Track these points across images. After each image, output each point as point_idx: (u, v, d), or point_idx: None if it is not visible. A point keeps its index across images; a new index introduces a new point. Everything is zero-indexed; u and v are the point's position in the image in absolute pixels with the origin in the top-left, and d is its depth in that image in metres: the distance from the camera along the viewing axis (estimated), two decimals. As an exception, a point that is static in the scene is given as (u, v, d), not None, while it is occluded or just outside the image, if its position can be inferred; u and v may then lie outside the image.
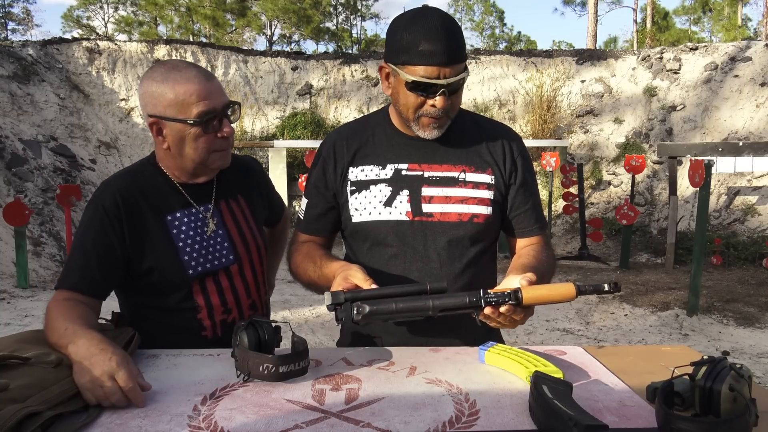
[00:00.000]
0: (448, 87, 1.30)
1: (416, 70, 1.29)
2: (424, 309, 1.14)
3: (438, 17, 1.29)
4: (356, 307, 1.13)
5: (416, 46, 1.27)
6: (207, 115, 1.35)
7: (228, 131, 1.40)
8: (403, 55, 1.30)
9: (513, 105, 11.29)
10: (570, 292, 1.14)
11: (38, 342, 1.20)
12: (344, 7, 33.20)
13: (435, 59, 1.27)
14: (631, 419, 0.98)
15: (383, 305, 1.13)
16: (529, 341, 4.54)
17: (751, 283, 6.52)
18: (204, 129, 1.36)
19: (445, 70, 1.28)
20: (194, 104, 1.34)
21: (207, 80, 1.37)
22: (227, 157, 1.46)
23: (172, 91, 1.34)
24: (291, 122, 11.05)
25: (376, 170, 1.43)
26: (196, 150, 1.38)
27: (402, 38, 1.29)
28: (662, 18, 33.94)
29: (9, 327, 4.82)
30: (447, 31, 1.28)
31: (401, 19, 1.33)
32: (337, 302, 1.15)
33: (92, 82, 10.47)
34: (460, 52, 1.30)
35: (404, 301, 1.14)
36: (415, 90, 1.31)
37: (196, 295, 1.43)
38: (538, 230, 1.49)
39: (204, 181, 1.48)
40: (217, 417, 0.99)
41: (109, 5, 33.23)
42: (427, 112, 1.34)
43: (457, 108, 1.39)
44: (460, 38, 1.31)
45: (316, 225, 1.51)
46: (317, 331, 4.76)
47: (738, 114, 9.60)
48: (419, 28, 1.27)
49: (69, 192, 6.73)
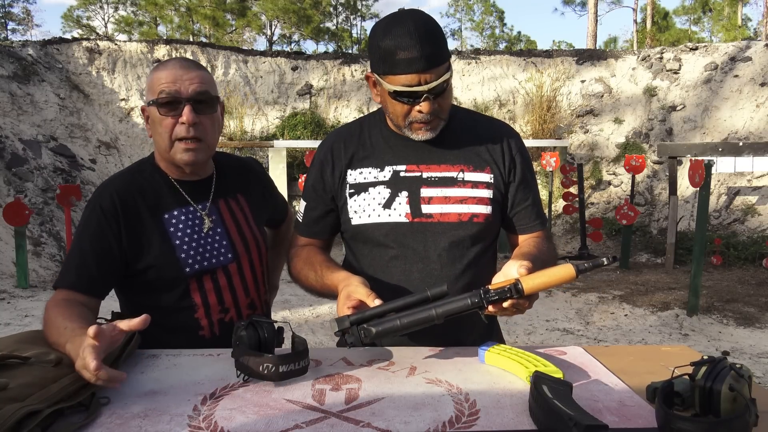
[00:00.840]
0: (432, 92, 1.28)
1: (396, 79, 1.27)
2: (429, 319, 1.15)
3: (412, 22, 1.26)
4: (362, 331, 1.16)
5: (393, 56, 1.25)
6: (167, 96, 1.36)
7: (187, 118, 1.36)
8: (383, 65, 1.28)
9: (513, 105, 11.29)
10: (569, 272, 1.12)
11: (38, 342, 1.20)
12: (344, 7, 33.20)
13: (413, 67, 1.25)
14: (631, 419, 0.98)
15: (388, 324, 1.16)
16: (529, 341, 4.54)
17: (751, 283, 6.52)
18: (165, 111, 1.37)
19: (426, 76, 1.26)
20: (159, 86, 1.37)
21: (182, 68, 1.39)
22: (196, 154, 1.40)
23: (153, 77, 1.40)
24: (291, 122, 11.05)
25: (374, 172, 1.42)
26: (161, 135, 1.40)
27: (379, 48, 1.28)
28: (662, 18, 33.95)
29: (9, 327, 4.82)
30: (423, 35, 1.25)
31: (378, 28, 1.31)
32: (343, 328, 1.18)
33: (92, 82, 10.47)
34: (439, 54, 1.27)
35: (408, 315, 1.16)
36: (400, 98, 1.30)
37: (193, 294, 1.43)
38: (540, 226, 1.49)
39: (200, 179, 1.49)
40: (217, 417, 0.99)
41: (109, 5, 33.25)
42: (416, 118, 1.33)
43: (446, 108, 1.37)
44: (439, 39, 1.28)
45: (315, 228, 1.51)
46: (317, 331, 4.76)
47: (738, 114, 9.60)
48: (394, 35, 1.25)
49: (69, 192, 6.73)
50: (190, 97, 1.37)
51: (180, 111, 1.37)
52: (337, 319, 1.20)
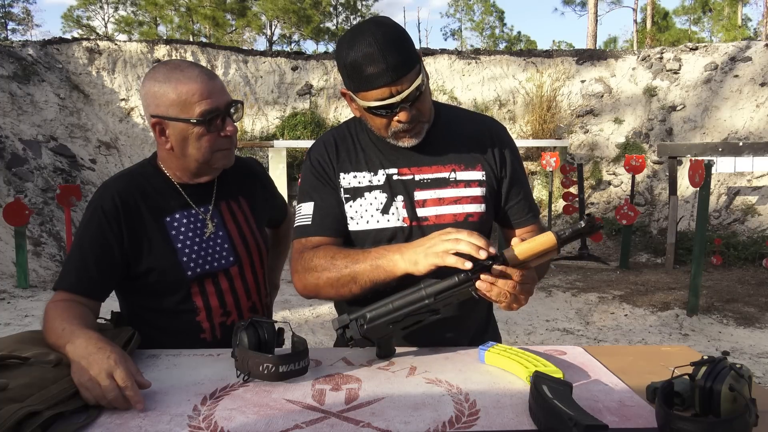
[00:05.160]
0: (406, 100, 1.25)
1: (368, 95, 1.24)
2: (420, 299, 1.18)
3: (371, 34, 1.21)
4: (359, 320, 1.20)
5: (361, 72, 1.22)
6: (209, 114, 1.34)
7: (231, 130, 1.39)
8: (353, 82, 1.26)
9: (513, 105, 11.29)
10: (550, 239, 1.12)
11: (37, 342, 1.20)
12: (344, 7, 33.20)
13: (382, 80, 1.21)
14: (631, 419, 0.98)
15: (382, 308, 1.19)
16: (529, 341, 4.54)
17: (751, 283, 6.52)
18: (207, 128, 1.36)
19: (396, 87, 1.22)
20: (197, 103, 1.33)
21: (209, 79, 1.36)
22: (231, 157, 1.45)
23: (175, 90, 1.33)
24: (291, 122, 11.05)
25: (368, 176, 1.40)
26: (199, 150, 1.38)
27: (345, 66, 1.25)
28: (662, 18, 33.95)
29: (9, 327, 4.82)
30: (386, 46, 1.20)
31: (342, 44, 1.26)
32: (343, 324, 1.22)
33: (92, 82, 10.47)
34: (407, 62, 1.23)
35: (399, 298, 1.19)
36: (376, 112, 1.28)
37: (195, 297, 1.43)
38: (533, 218, 1.49)
39: (205, 181, 1.48)
40: (217, 417, 0.99)
41: (109, 5, 33.24)
42: (398, 128, 1.31)
43: (427, 112, 1.34)
44: (404, 46, 1.24)
45: (334, 223, 1.38)
46: (317, 331, 4.76)
47: (738, 114, 9.60)
48: (357, 51, 1.22)
49: (69, 192, 6.73)
50: (227, 108, 1.38)
51: (220, 124, 1.38)
52: (337, 318, 1.23)
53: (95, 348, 1.09)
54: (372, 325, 1.19)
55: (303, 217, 1.40)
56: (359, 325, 1.19)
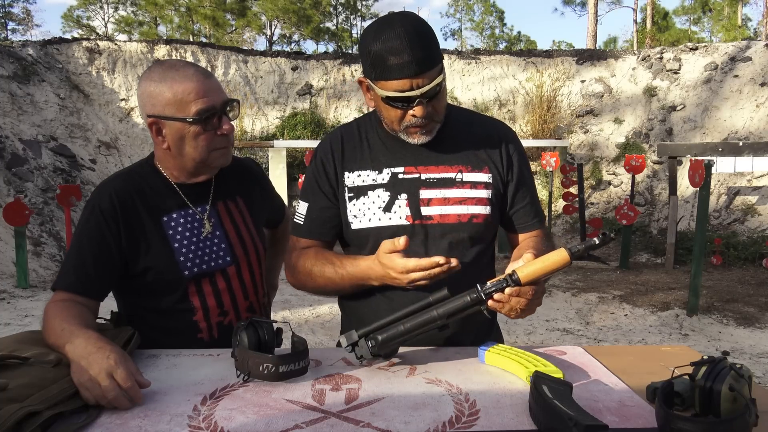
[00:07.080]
0: (425, 96, 1.27)
1: (388, 84, 1.26)
2: (431, 321, 1.17)
3: (401, 25, 1.23)
4: (370, 341, 1.19)
5: (384, 61, 1.23)
6: (206, 112, 1.35)
7: (228, 129, 1.39)
8: (374, 70, 1.27)
9: (513, 105, 11.29)
10: (563, 257, 1.12)
11: (37, 342, 1.20)
12: (344, 7, 33.20)
13: (404, 72, 1.23)
14: (631, 419, 0.98)
15: (393, 330, 1.19)
16: (529, 341, 4.54)
17: (751, 283, 6.52)
18: (203, 127, 1.36)
19: (418, 80, 1.24)
20: (193, 102, 1.33)
21: (205, 78, 1.37)
22: (228, 155, 1.45)
23: (171, 90, 1.34)
24: (291, 122, 11.06)
25: (372, 175, 1.41)
26: (196, 149, 1.38)
27: (370, 53, 1.26)
28: (662, 18, 33.95)
29: (9, 327, 4.82)
30: (413, 39, 1.22)
31: (368, 32, 1.28)
32: (351, 342, 1.21)
33: (92, 82, 10.47)
34: (431, 58, 1.25)
35: (411, 319, 1.18)
36: (393, 103, 1.29)
37: (192, 297, 1.43)
38: (538, 224, 1.49)
39: (203, 181, 1.48)
40: (217, 417, 0.99)
41: (109, 5, 33.24)
42: (411, 122, 1.32)
43: (441, 111, 1.36)
44: (431, 42, 1.26)
45: (321, 228, 1.45)
46: (317, 331, 4.76)
47: (738, 114, 9.60)
48: (385, 40, 1.24)
49: (69, 192, 6.73)
50: (223, 107, 1.38)
51: (217, 123, 1.38)
52: (345, 334, 1.23)
53: (95, 348, 1.09)
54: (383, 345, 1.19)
55: (298, 216, 1.48)
56: (370, 346, 1.19)
